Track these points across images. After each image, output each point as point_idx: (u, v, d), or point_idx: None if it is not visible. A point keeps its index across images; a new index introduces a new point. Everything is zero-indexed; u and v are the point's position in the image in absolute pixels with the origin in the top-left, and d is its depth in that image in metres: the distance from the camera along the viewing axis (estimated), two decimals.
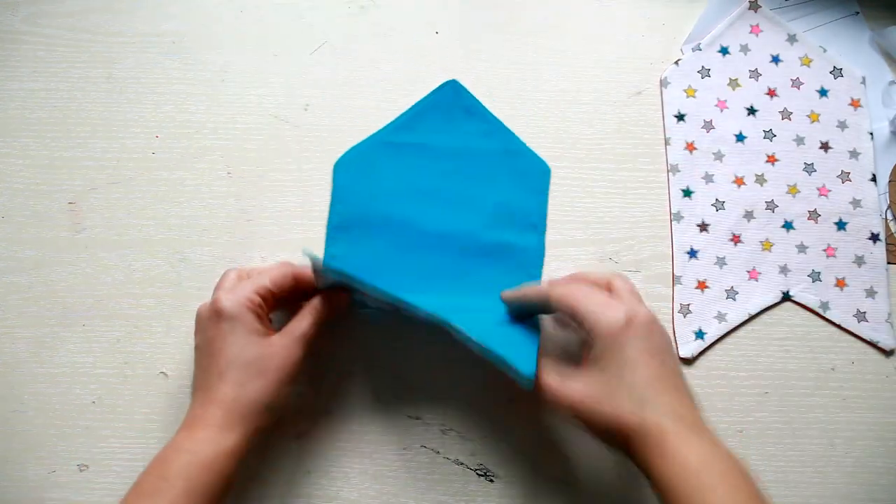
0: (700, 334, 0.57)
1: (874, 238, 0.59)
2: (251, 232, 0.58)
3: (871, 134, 0.61)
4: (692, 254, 0.59)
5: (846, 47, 0.63)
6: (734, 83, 0.62)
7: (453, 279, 0.56)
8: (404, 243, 0.57)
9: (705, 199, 0.60)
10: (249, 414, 0.47)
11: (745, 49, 0.63)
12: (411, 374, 0.56)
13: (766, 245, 0.59)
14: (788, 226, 0.60)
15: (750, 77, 0.62)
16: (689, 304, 0.58)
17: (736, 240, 0.59)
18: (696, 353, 0.57)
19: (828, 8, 0.64)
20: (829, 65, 0.62)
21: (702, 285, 0.58)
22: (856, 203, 0.60)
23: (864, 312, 0.58)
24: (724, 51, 0.63)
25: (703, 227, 0.59)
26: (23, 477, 0.53)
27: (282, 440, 0.54)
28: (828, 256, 0.59)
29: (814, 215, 0.60)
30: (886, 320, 0.58)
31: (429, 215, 0.57)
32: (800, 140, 0.61)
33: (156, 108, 0.60)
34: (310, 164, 0.59)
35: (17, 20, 0.62)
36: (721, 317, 0.57)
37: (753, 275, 0.58)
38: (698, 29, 0.63)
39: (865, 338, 0.57)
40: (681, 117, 0.61)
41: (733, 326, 0.57)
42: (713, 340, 0.57)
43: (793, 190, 0.60)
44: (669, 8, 0.64)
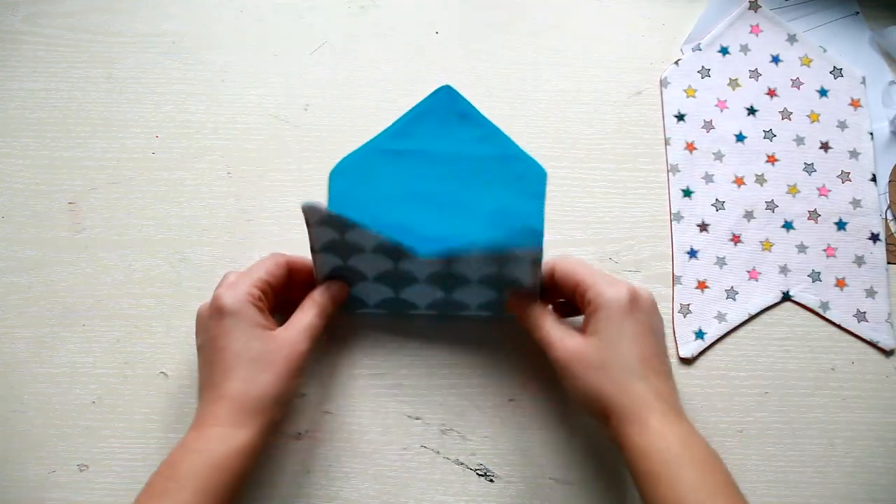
0: (700, 334, 0.57)
1: (874, 238, 0.59)
2: (251, 232, 0.58)
3: (871, 134, 0.61)
4: (692, 254, 0.59)
5: (846, 47, 0.63)
6: (734, 83, 0.62)
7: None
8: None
9: (705, 199, 0.60)
10: (260, 408, 0.46)
11: (745, 49, 0.63)
12: (411, 375, 0.56)
13: (766, 245, 0.59)
14: (788, 226, 0.60)
15: (750, 77, 0.62)
16: (689, 304, 0.58)
17: (736, 240, 0.59)
18: (696, 353, 0.57)
19: (828, 8, 0.64)
20: (829, 65, 0.62)
21: (702, 285, 0.58)
22: (856, 203, 0.60)
23: (864, 312, 0.58)
24: (724, 51, 0.63)
25: (703, 227, 0.59)
26: (23, 477, 0.53)
27: (282, 440, 0.54)
28: (828, 256, 0.59)
29: (814, 215, 0.60)
30: (886, 320, 0.58)
31: (425, 222, 0.57)
32: (800, 140, 0.61)
33: (156, 108, 0.60)
34: (310, 164, 0.59)
35: (17, 20, 0.62)
36: (721, 317, 0.57)
37: (753, 275, 0.58)
38: (698, 29, 0.63)
39: (865, 338, 0.57)
40: (681, 117, 0.61)
41: (733, 326, 0.57)
42: (713, 340, 0.57)
43: (793, 190, 0.60)
44: (669, 8, 0.64)
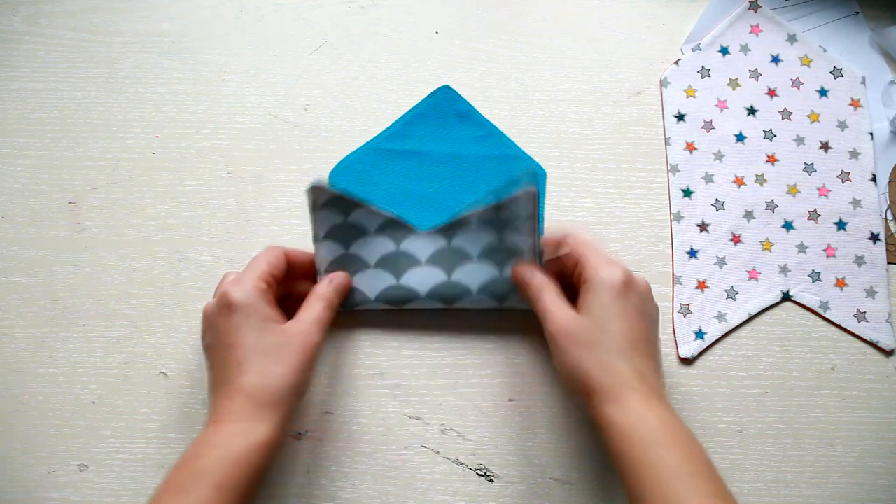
0: (700, 334, 0.57)
1: (874, 238, 0.59)
2: (251, 232, 0.58)
3: (871, 134, 0.61)
4: (692, 254, 0.59)
5: (846, 47, 0.63)
6: (734, 83, 0.62)
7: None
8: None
9: (705, 199, 0.60)
10: (276, 401, 0.46)
11: (745, 49, 0.63)
12: (411, 375, 0.56)
13: (766, 245, 0.59)
14: (788, 226, 0.60)
15: (750, 77, 0.62)
16: (689, 304, 0.58)
17: (736, 240, 0.59)
18: (696, 353, 0.57)
19: (828, 8, 0.64)
20: (829, 65, 0.62)
21: (702, 285, 0.58)
22: (856, 203, 0.60)
23: (864, 312, 0.58)
24: (724, 51, 0.63)
25: (703, 227, 0.59)
26: (23, 477, 0.53)
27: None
28: (828, 256, 0.59)
29: (814, 215, 0.60)
30: (886, 320, 0.58)
31: (424, 222, 0.57)
32: (800, 140, 0.61)
33: (156, 108, 0.60)
34: (310, 164, 0.59)
35: (17, 20, 0.62)
36: (721, 317, 0.57)
37: (753, 275, 0.58)
38: (698, 29, 0.63)
39: (865, 338, 0.57)
40: (681, 117, 0.61)
41: (733, 326, 0.57)
42: (713, 340, 0.57)
43: (793, 190, 0.60)
44: (669, 8, 0.64)
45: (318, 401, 0.55)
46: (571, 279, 0.51)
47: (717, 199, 0.60)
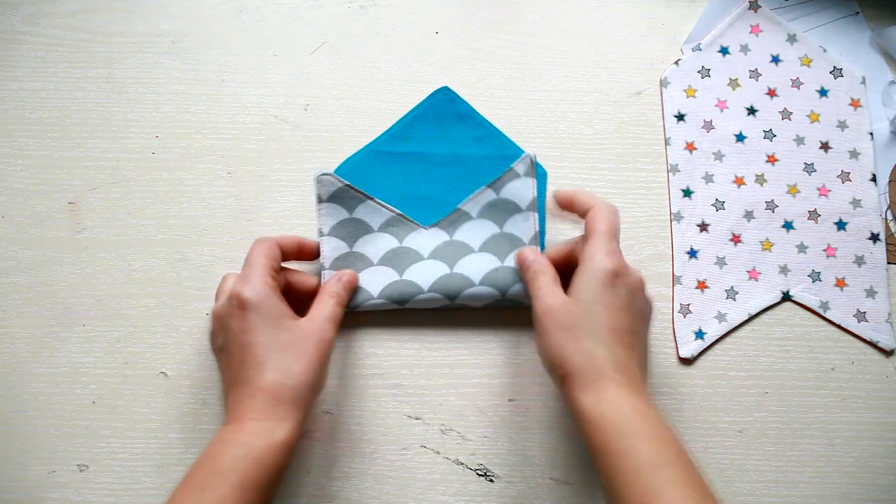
0: (700, 334, 0.57)
1: (874, 238, 0.59)
2: (251, 232, 0.58)
3: (871, 134, 0.61)
4: (692, 254, 0.59)
5: (846, 47, 0.63)
6: (734, 83, 0.62)
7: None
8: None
9: (705, 199, 0.60)
10: (296, 398, 0.46)
11: (745, 49, 0.63)
12: (411, 375, 0.56)
13: (766, 245, 0.59)
14: (788, 226, 0.60)
15: (750, 77, 0.62)
16: (689, 304, 0.58)
17: (736, 240, 0.59)
18: (696, 353, 0.57)
19: (828, 8, 0.64)
20: (829, 65, 0.62)
21: (702, 285, 0.58)
22: (856, 203, 0.60)
23: (864, 312, 0.58)
24: (724, 51, 0.63)
25: (703, 227, 0.59)
26: (23, 477, 0.53)
27: None
28: (828, 256, 0.59)
29: (814, 215, 0.60)
30: (886, 320, 0.58)
31: (426, 223, 0.57)
32: (800, 140, 0.61)
33: (156, 108, 0.60)
34: (310, 164, 0.59)
35: (17, 20, 0.62)
36: (721, 317, 0.57)
37: (753, 275, 0.58)
38: (698, 29, 0.63)
39: (865, 338, 0.57)
40: (681, 117, 0.61)
41: (733, 326, 0.57)
42: (713, 340, 0.57)
43: (793, 190, 0.60)
44: (669, 8, 0.64)
45: (318, 401, 0.55)
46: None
47: (717, 199, 0.60)
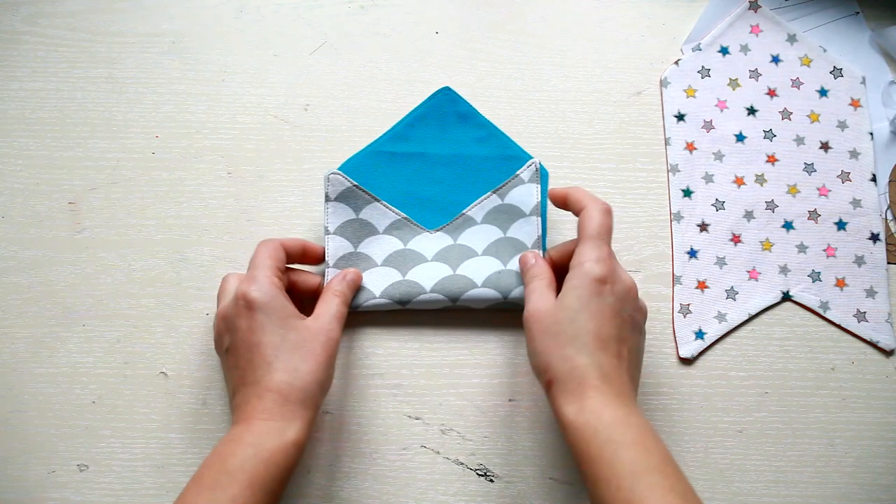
0: (700, 334, 0.57)
1: (874, 238, 0.59)
2: (251, 232, 0.58)
3: (871, 134, 0.61)
4: (692, 254, 0.59)
5: (846, 47, 0.63)
6: (734, 83, 0.62)
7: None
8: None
9: (705, 199, 0.60)
10: (305, 398, 0.47)
11: (745, 49, 0.63)
12: (411, 375, 0.56)
13: (766, 245, 0.59)
14: (788, 226, 0.60)
15: (750, 77, 0.62)
16: (689, 304, 0.58)
17: (736, 240, 0.59)
18: (696, 353, 0.57)
19: (828, 8, 0.64)
20: (829, 65, 0.62)
21: (702, 285, 0.58)
22: (856, 203, 0.60)
23: (864, 312, 0.58)
24: (724, 51, 0.63)
25: (703, 227, 0.59)
26: (23, 477, 0.53)
27: None
28: (828, 256, 0.59)
29: (814, 215, 0.60)
30: (886, 320, 0.58)
31: (428, 223, 0.57)
32: (800, 140, 0.61)
33: (156, 108, 0.60)
34: (310, 164, 0.59)
35: (17, 20, 0.62)
36: (721, 317, 0.57)
37: (753, 275, 0.58)
38: (698, 29, 0.63)
39: (865, 338, 0.57)
40: (681, 117, 0.61)
41: (733, 326, 0.57)
42: (713, 340, 0.57)
43: (793, 190, 0.60)
44: (669, 8, 0.64)
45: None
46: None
47: (717, 199, 0.60)
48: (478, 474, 0.54)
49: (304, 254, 0.54)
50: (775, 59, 0.63)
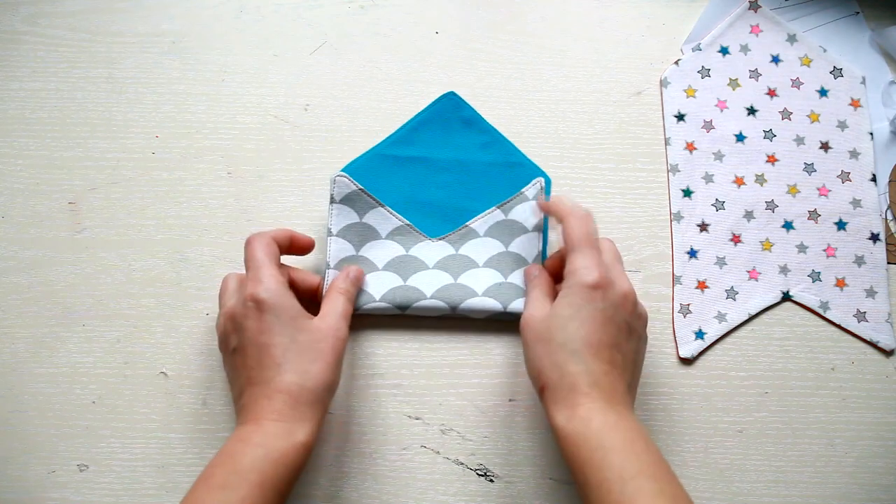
0: (700, 334, 0.57)
1: (874, 238, 0.59)
2: (251, 232, 0.58)
3: (871, 134, 0.61)
4: (692, 254, 0.59)
5: (846, 47, 0.63)
6: (734, 83, 0.62)
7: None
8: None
9: (705, 199, 0.60)
10: (315, 399, 0.47)
11: (745, 49, 0.63)
12: (411, 375, 0.56)
13: (766, 245, 0.59)
14: (788, 226, 0.60)
15: (750, 77, 0.62)
16: (689, 304, 0.58)
17: (736, 240, 0.59)
18: (696, 353, 0.57)
19: (828, 8, 0.64)
20: (829, 65, 0.62)
21: (702, 285, 0.58)
22: (856, 203, 0.60)
23: (864, 312, 0.58)
24: (724, 51, 0.63)
25: (703, 227, 0.59)
26: (23, 477, 0.53)
27: None
28: (828, 256, 0.59)
29: (814, 215, 0.60)
30: (886, 320, 0.58)
31: (430, 228, 0.57)
32: (800, 140, 0.61)
33: (156, 108, 0.60)
34: (310, 164, 0.59)
35: (17, 20, 0.62)
36: (721, 317, 0.57)
37: (753, 275, 0.58)
38: (698, 29, 0.63)
39: (865, 338, 0.57)
40: (681, 117, 0.61)
41: (733, 326, 0.57)
42: (713, 340, 0.57)
43: (793, 190, 0.60)
44: (669, 8, 0.64)
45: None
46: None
47: (717, 199, 0.60)
48: (478, 474, 0.54)
49: (293, 245, 0.53)
50: (775, 59, 0.63)
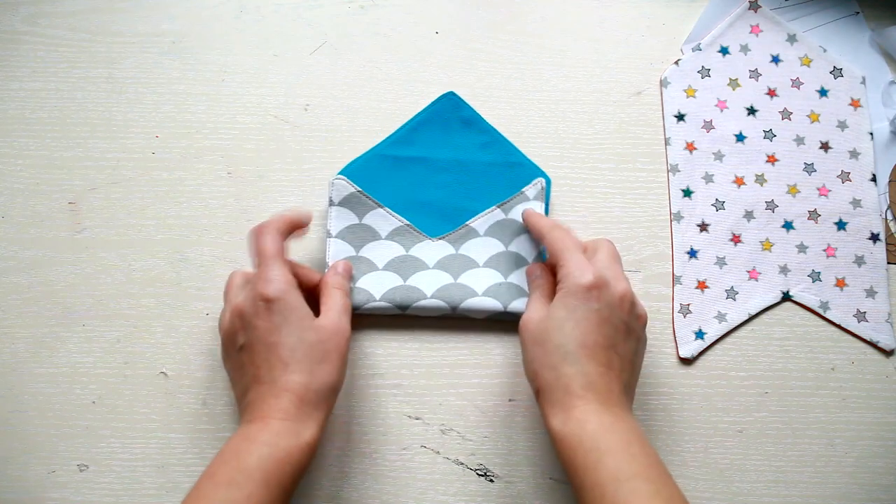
0: (700, 334, 0.57)
1: (874, 238, 0.59)
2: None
3: (871, 134, 0.61)
4: (692, 254, 0.59)
5: (846, 47, 0.63)
6: (734, 83, 0.62)
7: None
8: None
9: (705, 199, 0.60)
10: (321, 399, 0.47)
11: (745, 49, 0.63)
12: (411, 375, 0.56)
13: (766, 245, 0.59)
14: (788, 226, 0.60)
15: (750, 77, 0.62)
16: (689, 304, 0.58)
17: (736, 240, 0.59)
18: (696, 353, 0.57)
19: (828, 8, 0.64)
20: (829, 65, 0.62)
21: (702, 285, 0.58)
22: (856, 203, 0.60)
23: (864, 312, 0.58)
24: (724, 51, 0.63)
25: (703, 227, 0.59)
26: (23, 477, 0.53)
27: None
28: (828, 256, 0.59)
29: (814, 215, 0.60)
30: (886, 320, 0.58)
31: (429, 228, 0.57)
32: (800, 140, 0.61)
33: (156, 108, 0.60)
34: (310, 164, 0.59)
35: (17, 20, 0.62)
36: (721, 317, 0.57)
37: (753, 275, 0.58)
38: (698, 29, 0.63)
39: (865, 338, 0.57)
40: (681, 117, 0.61)
41: (733, 326, 0.57)
42: (713, 340, 0.57)
43: (793, 190, 0.60)
44: (669, 8, 0.64)
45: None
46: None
47: (717, 199, 0.60)
48: (478, 474, 0.54)
49: (293, 229, 0.53)
50: (775, 59, 0.63)
